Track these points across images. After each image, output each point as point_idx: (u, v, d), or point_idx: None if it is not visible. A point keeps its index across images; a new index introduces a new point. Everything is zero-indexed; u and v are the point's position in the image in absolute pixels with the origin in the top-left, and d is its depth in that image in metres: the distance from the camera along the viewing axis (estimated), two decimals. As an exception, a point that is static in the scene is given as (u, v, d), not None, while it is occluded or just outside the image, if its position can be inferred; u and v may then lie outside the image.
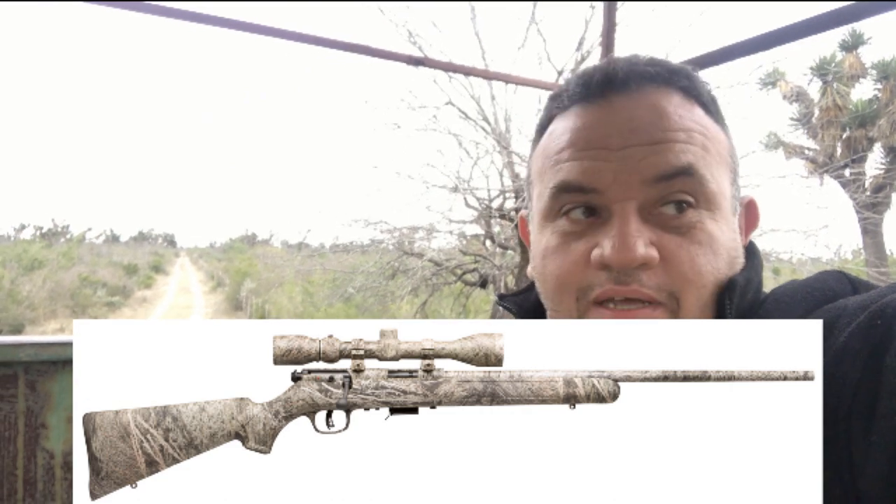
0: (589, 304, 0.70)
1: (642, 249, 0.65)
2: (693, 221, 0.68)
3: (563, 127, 0.74)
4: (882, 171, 14.85)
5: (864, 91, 15.40)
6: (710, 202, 0.69)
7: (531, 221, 0.81)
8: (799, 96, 15.77)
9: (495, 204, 10.85)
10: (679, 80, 0.72)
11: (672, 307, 0.68)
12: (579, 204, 0.71)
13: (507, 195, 10.69)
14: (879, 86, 15.10)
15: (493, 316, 11.66)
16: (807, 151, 15.81)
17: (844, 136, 15.27)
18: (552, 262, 0.73)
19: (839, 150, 15.28)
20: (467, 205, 10.87)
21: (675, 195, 0.68)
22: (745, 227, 0.78)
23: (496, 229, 11.15)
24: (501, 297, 0.88)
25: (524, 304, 0.84)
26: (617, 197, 0.68)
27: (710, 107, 0.73)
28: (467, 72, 3.75)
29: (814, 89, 15.74)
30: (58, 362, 1.92)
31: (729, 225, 0.71)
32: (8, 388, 1.88)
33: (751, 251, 0.77)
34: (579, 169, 0.70)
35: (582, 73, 0.75)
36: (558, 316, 0.74)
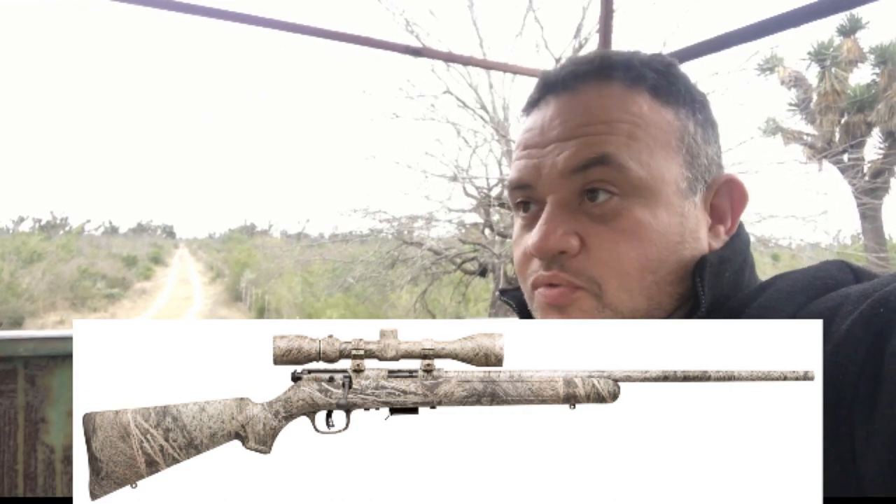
0: (530, 288, 0.76)
1: (556, 238, 0.70)
2: (616, 209, 0.70)
3: (520, 131, 0.81)
4: (881, 156, 14.84)
5: (862, 76, 15.35)
6: (638, 189, 0.70)
7: None
8: (797, 82, 15.71)
9: (494, 192, 10.85)
10: (615, 72, 0.74)
11: (594, 291, 0.70)
12: (523, 199, 0.77)
13: (506, 183, 10.67)
14: (878, 70, 15.04)
15: (493, 305, 11.69)
16: (805, 137, 15.77)
17: (843, 121, 15.23)
18: (514, 253, 0.80)
19: (838, 136, 15.25)
20: (466, 193, 10.89)
21: (593, 185, 0.71)
22: (732, 208, 0.77)
23: (495, 218, 11.15)
24: (503, 293, 0.90)
25: (522, 297, 0.85)
26: (544, 190, 0.73)
27: (659, 92, 0.74)
28: (466, 61, 3.73)
29: (812, 74, 15.69)
30: (57, 357, 1.92)
31: (672, 209, 0.71)
32: (7, 382, 1.88)
33: (734, 232, 0.77)
34: (518, 167, 0.77)
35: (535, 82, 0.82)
36: (526, 300, 0.80)
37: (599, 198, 0.70)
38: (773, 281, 0.72)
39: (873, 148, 15.14)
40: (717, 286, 0.70)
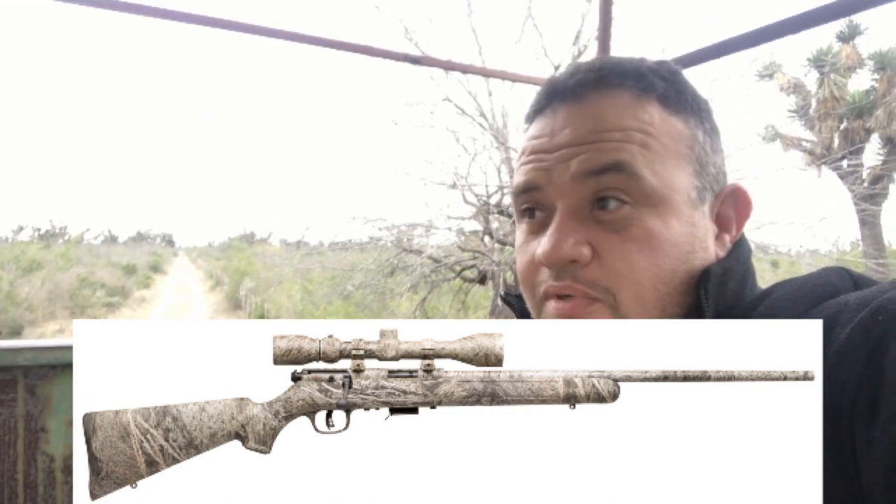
0: (541, 298, 0.74)
1: (568, 247, 0.69)
2: (629, 218, 0.69)
3: (524, 139, 0.80)
4: (880, 162, 14.83)
5: (861, 82, 15.35)
6: (650, 198, 0.70)
7: None
8: (796, 88, 15.73)
9: (493, 200, 10.84)
10: (626, 80, 0.73)
11: (610, 302, 0.70)
12: (530, 204, 0.76)
13: (506, 191, 10.68)
14: (876, 76, 15.04)
15: (493, 312, 11.66)
16: (804, 143, 15.78)
17: (842, 127, 15.23)
18: (518, 260, 0.78)
19: (837, 142, 15.25)
20: (465, 201, 10.87)
21: (606, 192, 0.70)
22: (736, 217, 0.78)
23: (495, 225, 11.13)
24: (506, 295, 0.90)
25: (523, 305, 0.85)
26: (554, 194, 0.72)
27: (668, 101, 0.74)
28: (465, 69, 3.74)
29: (811, 80, 15.70)
30: (57, 366, 1.91)
31: (683, 219, 0.71)
32: (7, 392, 1.88)
33: (736, 241, 0.77)
34: (525, 171, 0.75)
35: (539, 88, 0.80)
36: (531, 310, 0.79)
37: (610, 205, 0.70)
38: (774, 289, 0.71)
39: (872, 154, 15.13)
40: (720, 297, 0.70)
